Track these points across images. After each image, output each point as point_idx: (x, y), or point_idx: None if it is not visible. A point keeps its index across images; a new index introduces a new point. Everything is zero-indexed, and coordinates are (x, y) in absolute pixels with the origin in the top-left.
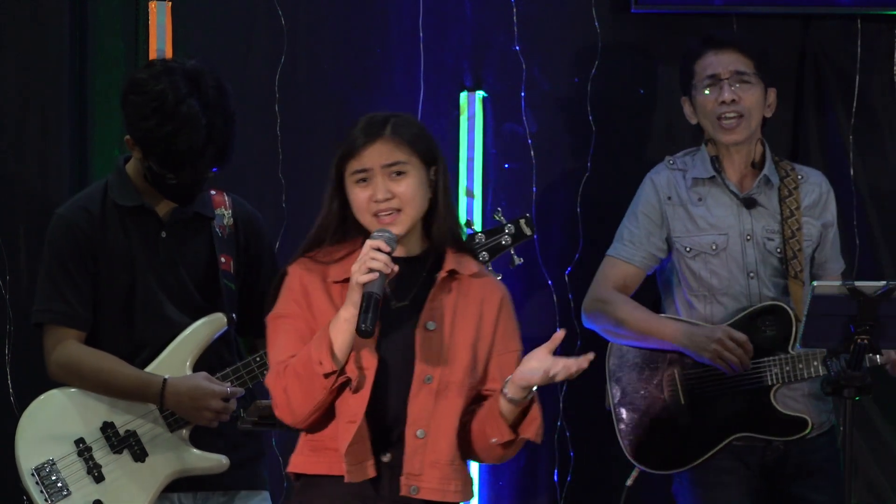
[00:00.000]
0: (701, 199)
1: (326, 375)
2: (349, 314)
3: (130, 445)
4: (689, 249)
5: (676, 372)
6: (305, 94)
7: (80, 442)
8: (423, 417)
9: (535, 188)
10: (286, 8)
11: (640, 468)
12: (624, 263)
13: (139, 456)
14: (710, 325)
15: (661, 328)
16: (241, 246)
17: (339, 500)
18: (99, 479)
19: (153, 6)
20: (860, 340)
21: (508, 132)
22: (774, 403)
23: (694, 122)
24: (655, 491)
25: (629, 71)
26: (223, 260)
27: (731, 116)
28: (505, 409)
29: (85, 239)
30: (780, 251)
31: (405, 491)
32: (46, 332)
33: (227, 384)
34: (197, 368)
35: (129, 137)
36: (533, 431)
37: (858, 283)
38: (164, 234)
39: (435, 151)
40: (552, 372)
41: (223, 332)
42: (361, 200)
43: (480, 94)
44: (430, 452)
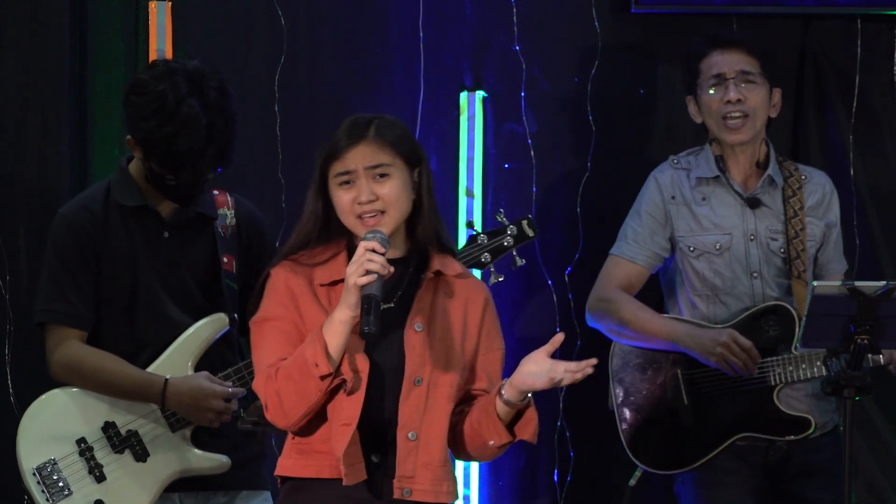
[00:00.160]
0: (705, 198)
1: (323, 378)
2: (345, 316)
3: (132, 445)
4: (692, 249)
5: (679, 372)
6: (305, 94)
7: (81, 441)
8: (414, 419)
9: (535, 188)
10: (286, 8)
11: (642, 468)
12: (628, 262)
13: (141, 456)
14: (714, 325)
15: (665, 329)
16: (243, 246)
17: (329, 503)
18: (100, 478)
19: (153, 6)
20: (860, 340)
21: (508, 132)
22: (777, 403)
23: (699, 121)
24: (658, 491)
25: (629, 71)
26: (225, 260)
27: (736, 116)
28: (501, 410)
29: (87, 239)
30: (783, 251)
31: (398, 494)
32: (48, 331)
33: (228, 384)
34: (199, 368)
35: (130, 138)
36: (529, 433)
37: (858, 283)
38: (166, 234)
39: (419, 153)
40: (557, 378)
41: (225, 332)
42: (345, 202)
43: (480, 94)
44: (422, 454)
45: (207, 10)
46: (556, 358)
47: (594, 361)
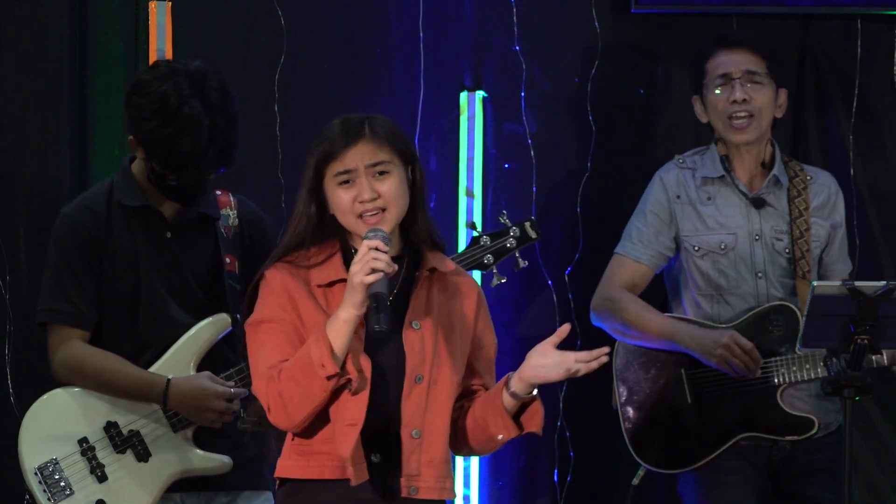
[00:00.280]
0: (710, 198)
1: (329, 378)
2: (349, 315)
3: (134, 445)
4: (697, 248)
5: (683, 371)
6: (305, 94)
7: (83, 441)
8: (416, 417)
9: (535, 188)
10: (286, 8)
11: (646, 467)
12: (632, 262)
13: (142, 456)
14: (718, 324)
15: (667, 329)
16: (245, 246)
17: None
18: (102, 478)
19: (153, 6)
20: (860, 340)
21: (508, 132)
22: (781, 403)
23: (705, 120)
24: (661, 490)
25: (629, 71)
26: (228, 260)
27: (741, 116)
28: (508, 404)
29: (90, 239)
30: (788, 251)
31: (405, 492)
32: (51, 331)
33: (230, 384)
34: (201, 369)
35: (132, 138)
36: (537, 424)
37: (858, 283)
38: (168, 234)
39: (412, 150)
40: (573, 369)
41: (227, 332)
42: (345, 202)
43: (480, 94)
44: (425, 452)
45: (207, 10)
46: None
47: (607, 350)
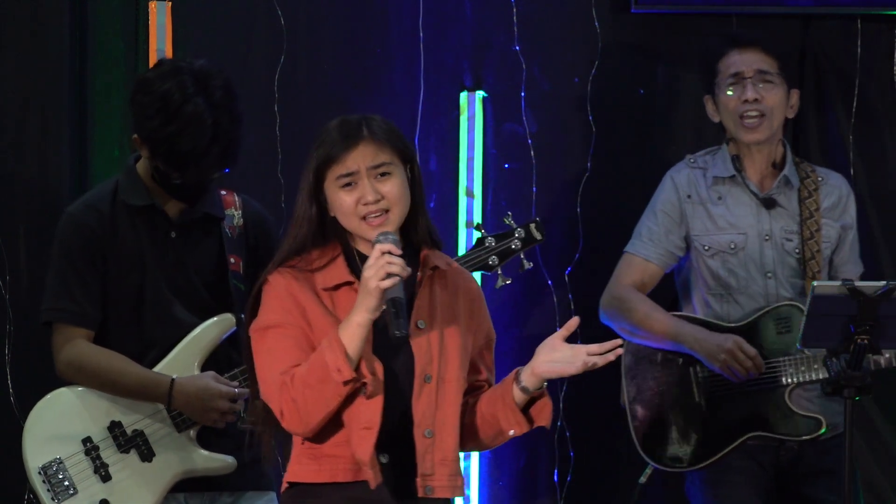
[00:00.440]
0: (721, 197)
1: (346, 383)
2: (363, 319)
3: (138, 445)
4: (707, 248)
5: (692, 370)
6: (305, 94)
7: (87, 441)
8: (428, 417)
9: (535, 188)
10: (286, 8)
11: (653, 466)
12: (642, 261)
13: (146, 456)
14: (726, 324)
15: (673, 330)
16: (250, 246)
17: None
18: (106, 478)
19: (153, 6)
20: (860, 340)
21: (508, 132)
22: (789, 403)
23: (716, 120)
24: (668, 489)
25: (629, 71)
26: (232, 260)
27: (753, 115)
28: (518, 398)
29: (94, 238)
30: (798, 252)
31: (421, 492)
32: (55, 330)
33: (235, 384)
34: (205, 369)
35: (136, 136)
36: (546, 418)
37: (858, 283)
38: (173, 234)
39: (411, 149)
40: (590, 363)
41: (231, 332)
42: (349, 205)
43: (480, 94)
44: (438, 451)
45: (207, 10)
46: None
47: (620, 342)
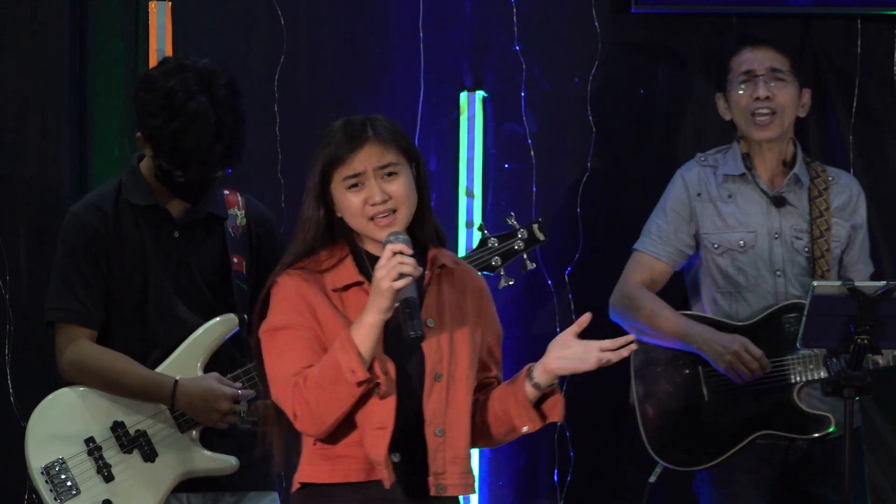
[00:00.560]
0: (731, 196)
1: (359, 384)
2: (375, 319)
3: (140, 445)
4: (716, 246)
5: (700, 369)
6: (305, 94)
7: (90, 441)
8: (439, 415)
9: (535, 188)
10: (286, 8)
11: (663, 465)
12: (651, 259)
13: (149, 456)
14: (735, 322)
15: (681, 329)
16: (253, 246)
17: None
18: (108, 478)
19: (153, 6)
20: (860, 340)
21: (508, 132)
22: (798, 402)
23: (728, 118)
24: (678, 488)
25: (629, 71)
26: (235, 260)
27: (764, 113)
28: (531, 395)
29: (98, 238)
30: (807, 250)
31: (434, 491)
32: (58, 330)
33: (238, 385)
34: (209, 369)
35: (140, 135)
36: (559, 413)
37: (858, 283)
38: (176, 233)
39: (415, 149)
40: (604, 359)
41: (235, 332)
42: (356, 205)
43: (480, 94)
44: (449, 449)
45: (207, 10)
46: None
47: (633, 337)
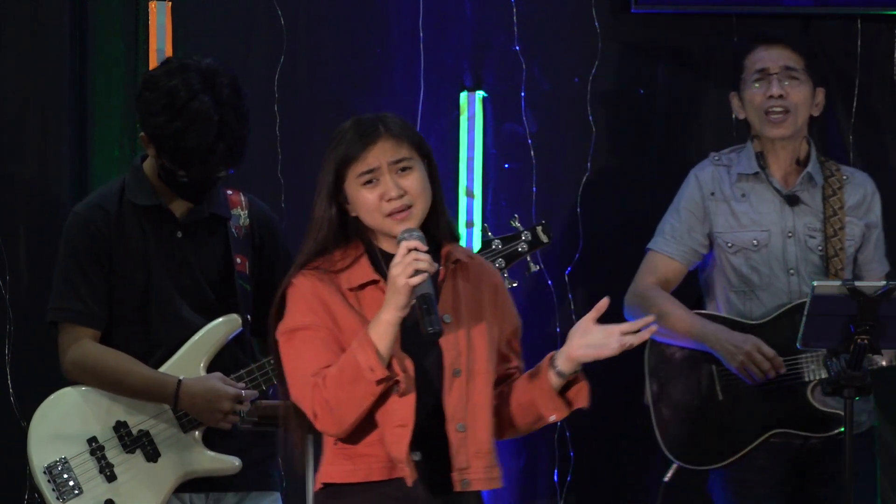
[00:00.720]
0: (744, 195)
1: (379, 382)
2: (392, 317)
3: (143, 445)
4: (730, 245)
5: (714, 368)
6: (305, 94)
7: (92, 441)
8: (459, 411)
9: (535, 188)
10: (286, 8)
11: (677, 464)
12: (665, 258)
13: (152, 456)
14: (748, 322)
15: (694, 328)
16: (256, 246)
17: None
18: (111, 478)
19: (153, 6)
20: (860, 340)
21: (508, 132)
22: (811, 400)
23: (741, 116)
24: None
25: (629, 71)
26: (238, 260)
27: (778, 111)
28: (555, 383)
29: (101, 238)
30: (821, 249)
31: (458, 487)
32: (61, 330)
33: (241, 385)
34: (212, 369)
35: (143, 134)
36: (584, 399)
37: (858, 283)
38: (179, 234)
39: (427, 145)
40: (626, 343)
41: (238, 333)
42: (372, 201)
43: (480, 94)
44: (471, 444)
45: (207, 10)
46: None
47: (652, 318)
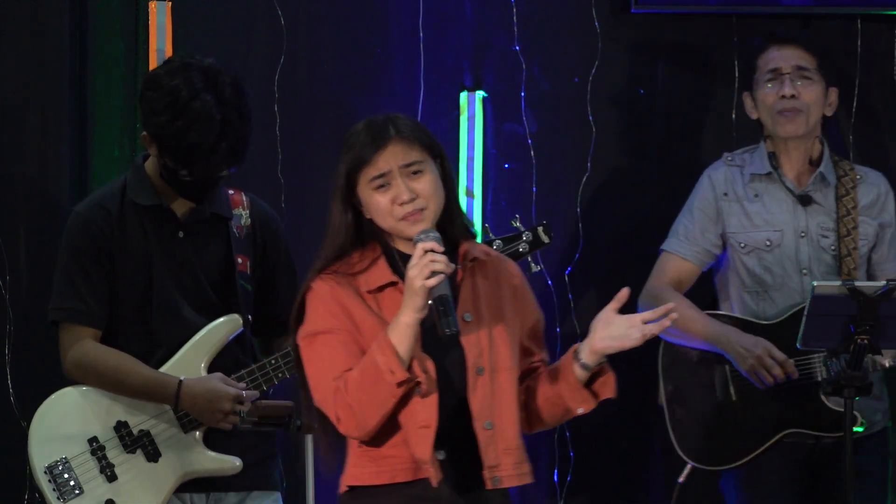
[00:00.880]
0: (757, 195)
1: (400, 384)
2: (410, 319)
3: (144, 445)
4: (743, 245)
5: (728, 368)
6: (305, 94)
7: (93, 441)
8: (485, 408)
9: (535, 188)
10: (286, 8)
11: (691, 464)
12: (679, 259)
13: (152, 456)
14: (762, 322)
15: (706, 330)
16: (258, 246)
17: None
18: (112, 478)
19: (153, 6)
20: (860, 340)
21: (508, 132)
22: (824, 399)
23: (754, 116)
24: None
25: (629, 71)
26: (240, 261)
27: (790, 110)
28: (580, 376)
29: (102, 237)
30: (834, 249)
31: (489, 484)
32: (62, 330)
33: (242, 385)
34: (213, 369)
35: (145, 133)
36: (611, 389)
37: (858, 283)
38: (181, 233)
39: (439, 144)
40: (649, 333)
41: (239, 333)
42: (384, 205)
43: (480, 94)
44: (500, 441)
45: (207, 10)
46: (558, 356)
47: (672, 305)
